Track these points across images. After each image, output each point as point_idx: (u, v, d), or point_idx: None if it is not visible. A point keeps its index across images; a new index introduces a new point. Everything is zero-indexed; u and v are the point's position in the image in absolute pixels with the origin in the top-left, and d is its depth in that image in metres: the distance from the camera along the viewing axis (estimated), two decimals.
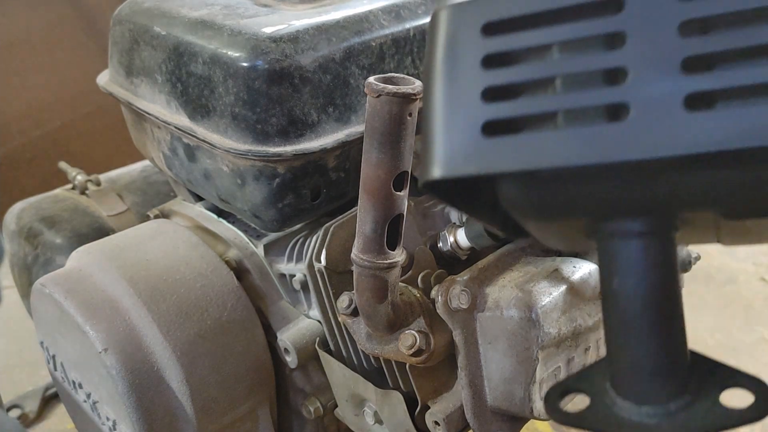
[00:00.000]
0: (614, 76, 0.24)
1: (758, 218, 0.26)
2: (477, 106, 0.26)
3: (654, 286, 0.27)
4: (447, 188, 0.28)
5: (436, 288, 0.70)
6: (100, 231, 0.99)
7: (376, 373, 0.77)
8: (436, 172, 0.26)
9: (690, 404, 0.27)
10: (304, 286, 0.81)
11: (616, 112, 0.24)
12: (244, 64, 0.71)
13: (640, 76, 0.24)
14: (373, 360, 0.75)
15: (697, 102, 0.23)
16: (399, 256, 0.61)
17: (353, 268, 0.62)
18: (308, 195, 0.78)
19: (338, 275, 0.74)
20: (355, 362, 0.77)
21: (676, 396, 0.27)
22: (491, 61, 0.26)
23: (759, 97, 0.23)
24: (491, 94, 0.26)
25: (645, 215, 0.26)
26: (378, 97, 0.50)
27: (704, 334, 1.48)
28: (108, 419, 0.81)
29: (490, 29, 0.26)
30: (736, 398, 0.29)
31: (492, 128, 0.26)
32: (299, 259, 0.82)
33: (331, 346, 0.80)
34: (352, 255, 0.61)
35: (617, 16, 0.25)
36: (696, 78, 0.23)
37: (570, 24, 0.25)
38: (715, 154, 0.23)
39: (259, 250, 0.86)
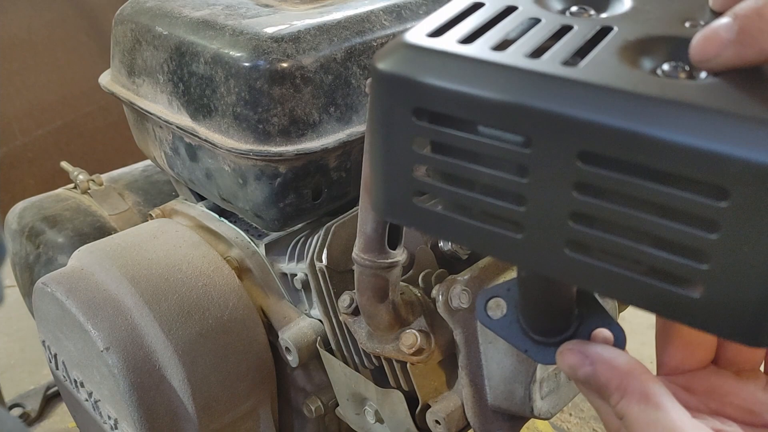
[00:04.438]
0: (518, 198, 0.29)
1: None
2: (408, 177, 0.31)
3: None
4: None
5: (436, 287, 0.70)
6: (102, 230, 1.00)
7: (377, 372, 0.77)
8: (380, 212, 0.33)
9: (569, 338, 0.37)
10: (306, 285, 0.82)
11: (517, 226, 0.29)
12: (246, 64, 0.71)
13: (536, 206, 0.28)
14: (374, 359, 0.75)
15: (575, 246, 0.28)
16: (400, 255, 0.61)
17: (354, 267, 0.62)
18: (309, 194, 0.78)
19: (339, 274, 0.74)
20: (356, 361, 0.78)
21: (560, 333, 0.37)
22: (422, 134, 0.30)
23: (614, 262, 0.28)
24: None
25: None
26: None
27: None
28: (109, 418, 0.81)
29: (421, 115, 0.29)
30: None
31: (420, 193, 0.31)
32: (300, 259, 0.82)
33: (332, 345, 0.80)
34: (354, 254, 0.61)
35: (525, 153, 0.28)
36: (579, 229, 0.27)
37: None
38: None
39: (261, 250, 0.86)
